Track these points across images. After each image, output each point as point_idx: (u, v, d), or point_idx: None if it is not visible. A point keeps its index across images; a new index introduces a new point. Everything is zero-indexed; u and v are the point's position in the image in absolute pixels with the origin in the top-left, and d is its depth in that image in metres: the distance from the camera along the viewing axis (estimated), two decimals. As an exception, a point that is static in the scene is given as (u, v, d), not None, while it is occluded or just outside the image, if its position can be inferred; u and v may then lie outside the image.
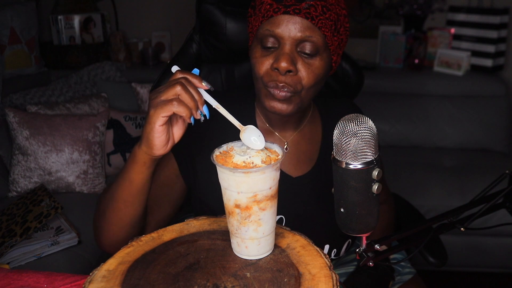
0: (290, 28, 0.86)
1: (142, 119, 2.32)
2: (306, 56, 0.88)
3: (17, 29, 2.39)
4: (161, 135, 0.76)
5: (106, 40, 2.79)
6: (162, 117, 0.74)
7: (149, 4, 2.94)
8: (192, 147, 0.98)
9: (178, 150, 0.95)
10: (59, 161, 2.01)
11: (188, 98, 0.73)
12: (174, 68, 0.77)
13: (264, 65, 0.89)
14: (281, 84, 0.87)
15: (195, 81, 0.75)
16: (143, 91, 2.48)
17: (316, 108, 1.09)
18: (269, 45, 0.88)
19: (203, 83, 0.75)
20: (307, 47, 0.87)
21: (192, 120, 0.76)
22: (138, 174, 0.82)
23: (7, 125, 2.04)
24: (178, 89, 0.72)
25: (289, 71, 0.86)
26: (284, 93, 0.88)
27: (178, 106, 0.72)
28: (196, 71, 0.78)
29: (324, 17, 0.87)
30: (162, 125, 0.75)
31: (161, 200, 0.98)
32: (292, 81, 0.87)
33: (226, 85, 1.28)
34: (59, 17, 2.65)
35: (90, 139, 2.07)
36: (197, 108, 0.74)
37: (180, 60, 1.25)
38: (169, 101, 0.73)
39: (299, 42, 0.87)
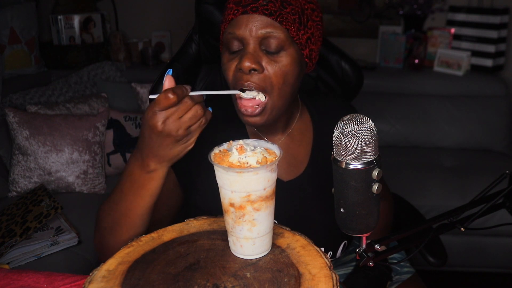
0: (251, 27, 0.85)
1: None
2: (271, 53, 0.86)
3: (17, 29, 2.39)
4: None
5: (106, 40, 2.79)
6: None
7: (149, 4, 2.94)
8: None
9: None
10: (59, 161, 2.01)
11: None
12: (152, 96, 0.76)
13: (231, 69, 0.88)
14: (247, 83, 0.86)
15: (188, 93, 0.75)
16: (143, 91, 2.48)
17: (305, 107, 1.06)
18: (235, 48, 0.87)
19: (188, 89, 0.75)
20: (271, 44, 0.85)
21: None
22: (157, 188, 0.81)
23: (7, 125, 2.04)
24: (200, 113, 0.75)
25: (254, 69, 0.85)
26: (251, 109, 0.88)
27: (205, 124, 0.77)
28: (169, 71, 0.77)
29: (285, 11, 0.85)
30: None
31: (159, 210, 0.94)
32: (259, 79, 0.86)
33: (226, 85, 1.28)
34: (59, 17, 2.65)
35: (90, 139, 2.07)
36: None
37: (180, 60, 1.24)
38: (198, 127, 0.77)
39: (261, 39, 0.85)
